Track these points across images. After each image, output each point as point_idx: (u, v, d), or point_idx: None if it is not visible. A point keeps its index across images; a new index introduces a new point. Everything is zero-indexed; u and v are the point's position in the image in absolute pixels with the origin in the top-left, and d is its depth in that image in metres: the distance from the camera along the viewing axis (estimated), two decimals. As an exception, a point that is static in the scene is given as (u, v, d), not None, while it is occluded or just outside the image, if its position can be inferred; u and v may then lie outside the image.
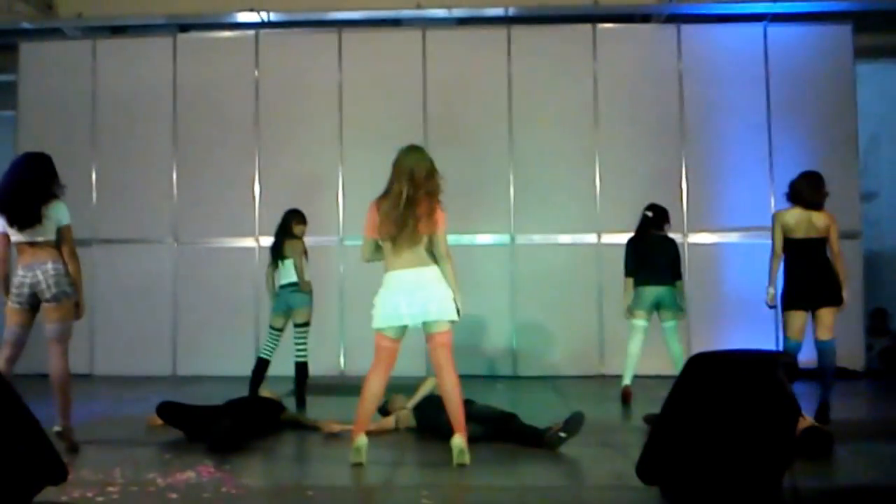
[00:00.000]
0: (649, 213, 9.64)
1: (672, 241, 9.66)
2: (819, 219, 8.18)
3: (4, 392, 4.58)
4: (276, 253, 9.64)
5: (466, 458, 6.27)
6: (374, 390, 6.47)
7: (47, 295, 6.81)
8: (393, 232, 6.28)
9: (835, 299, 8.22)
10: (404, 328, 6.45)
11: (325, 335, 11.63)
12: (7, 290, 6.96)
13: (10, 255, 6.99)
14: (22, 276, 6.82)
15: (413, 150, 6.54)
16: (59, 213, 6.91)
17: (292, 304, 9.52)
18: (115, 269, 12.37)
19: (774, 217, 8.46)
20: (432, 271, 6.39)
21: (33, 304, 6.88)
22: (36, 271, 6.79)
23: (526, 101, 12.25)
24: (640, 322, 9.49)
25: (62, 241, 6.93)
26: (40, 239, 6.84)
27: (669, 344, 9.42)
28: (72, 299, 6.96)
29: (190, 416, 7.61)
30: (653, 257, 9.43)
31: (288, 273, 9.53)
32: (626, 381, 9.46)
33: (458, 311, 6.46)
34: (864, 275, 12.10)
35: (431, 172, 6.40)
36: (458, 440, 6.32)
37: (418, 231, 6.29)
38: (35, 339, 6.99)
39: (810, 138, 12.12)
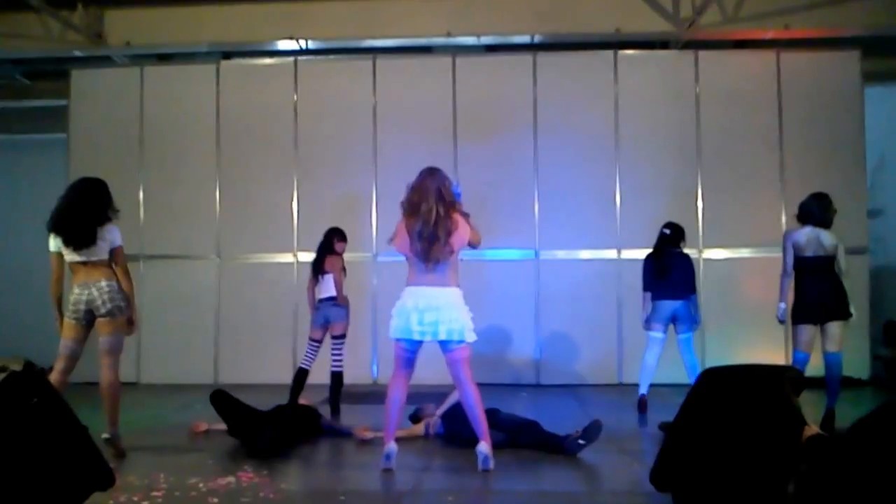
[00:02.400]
0: (667, 231, 9.57)
1: (688, 257, 9.60)
2: (827, 238, 8.23)
3: (54, 401, 4.59)
4: (318, 268, 9.62)
5: (490, 465, 6.32)
6: (396, 398, 6.51)
7: (102, 310, 6.86)
8: (425, 249, 6.29)
9: (843, 313, 8.26)
10: (419, 341, 6.44)
11: (358, 346, 11.62)
12: (60, 308, 7.01)
13: (64, 273, 7.04)
14: (78, 294, 6.87)
15: (436, 171, 6.51)
16: (112, 235, 6.98)
17: (330, 318, 9.48)
18: (162, 284, 12.44)
19: (785, 236, 8.47)
20: (451, 293, 6.41)
21: (89, 319, 6.92)
22: (91, 289, 6.85)
23: (550, 124, 12.28)
24: (657, 335, 9.44)
25: (116, 262, 7.01)
26: (94, 259, 6.90)
27: (684, 356, 9.38)
28: (125, 314, 7.01)
29: (237, 412, 7.66)
30: (670, 273, 9.35)
31: (327, 287, 9.51)
32: (643, 390, 9.43)
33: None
34: (870, 288, 12.08)
35: (451, 192, 6.44)
36: (483, 447, 6.37)
37: (449, 245, 6.32)
38: (86, 349, 7.01)
39: (821, 158, 12.10)
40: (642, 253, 9.89)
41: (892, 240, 13.79)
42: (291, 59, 12.76)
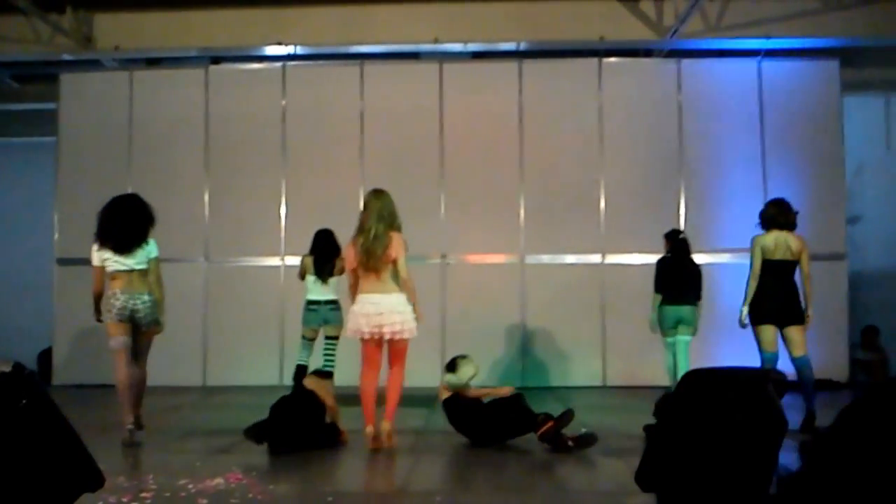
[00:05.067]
0: (684, 237, 9.70)
1: (696, 264, 9.70)
2: (794, 242, 8.36)
3: (43, 402, 4.53)
4: (326, 270, 9.54)
5: (386, 445, 7.11)
6: (368, 388, 7.29)
7: (143, 324, 7.61)
8: (366, 261, 7.10)
9: (800, 318, 8.35)
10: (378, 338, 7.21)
11: (346, 348, 11.42)
12: (99, 311, 7.69)
13: (104, 285, 7.73)
14: (124, 301, 7.52)
15: (380, 194, 7.36)
16: (150, 248, 7.70)
17: (329, 320, 9.55)
18: None
19: (754, 241, 8.54)
20: (394, 297, 7.15)
21: (132, 319, 7.56)
22: (136, 300, 7.54)
23: (535, 130, 12.28)
24: (669, 339, 9.50)
25: (151, 271, 7.71)
26: (137, 268, 7.59)
27: (678, 356, 9.43)
28: (158, 324, 7.81)
29: (296, 406, 7.58)
30: (682, 278, 9.46)
31: (331, 290, 9.53)
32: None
33: (419, 318, 7.31)
34: (848, 294, 12.20)
35: (394, 212, 7.29)
36: (387, 425, 7.15)
37: (388, 257, 7.10)
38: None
39: (800, 166, 12.20)
40: (625, 257, 9.98)
41: (870, 246, 13.90)
42: (280, 64, 12.69)
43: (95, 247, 7.66)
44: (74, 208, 12.51)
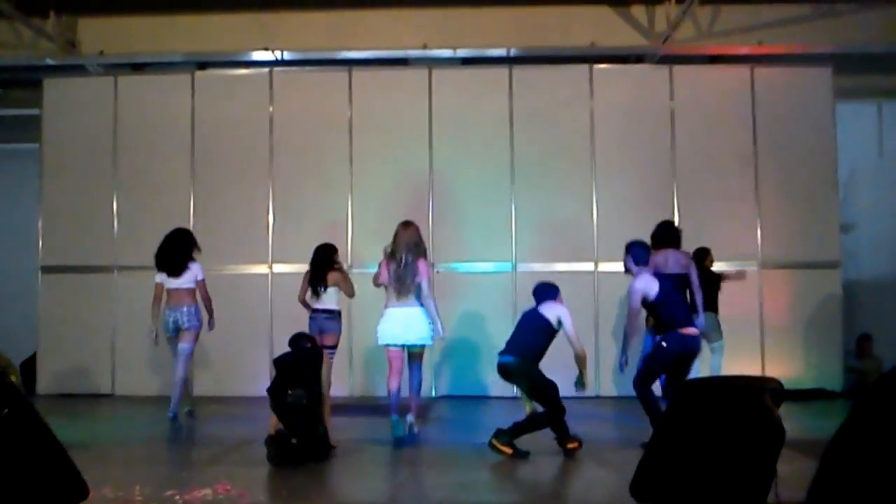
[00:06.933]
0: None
1: (714, 274, 10.43)
2: (682, 257, 9.29)
3: (26, 412, 4.50)
4: (319, 283, 9.73)
5: (414, 430, 8.50)
6: (394, 388, 8.54)
7: (184, 326, 9.67)
8: (397, 286, 8.50)
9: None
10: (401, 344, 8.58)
11: (336, 358, 11.34)
12: (157, 321, 9.71)
13: (163, 298, 9.75)
14: (168, 315, 9.64)
15: (408, 226, 8.68)
16: (196, 270, 9.77)
17: (325, 329, 9.69)
18: (135, 294, 12.00)
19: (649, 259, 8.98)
20: (415, 311, 8.51)
21: (177, 331, 9.70)
22: (177, 313, 9.62)
23: (526, 137, 12.27)
24: None
25: (198, 289, 9.76)
26: (184, 287, 9.67)
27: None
28: (199, 329, 9.80)
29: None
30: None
31: (327, 301, 9.77)
32: None
33: (443, 329, 8.78)
34: (843, 302, 12.26)
35: (420, 241, 8.68)
36: (410, 417, 8.53)
37: (415, 282, 8.48)
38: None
39: (794, 173, 12.24)
40: (619, 266, 9.84)
41: (863, 254, 13.95)
42: (267, 69, 12.65)
43: (156, 271, 9.69)
44: (59, 215, 12.49)
